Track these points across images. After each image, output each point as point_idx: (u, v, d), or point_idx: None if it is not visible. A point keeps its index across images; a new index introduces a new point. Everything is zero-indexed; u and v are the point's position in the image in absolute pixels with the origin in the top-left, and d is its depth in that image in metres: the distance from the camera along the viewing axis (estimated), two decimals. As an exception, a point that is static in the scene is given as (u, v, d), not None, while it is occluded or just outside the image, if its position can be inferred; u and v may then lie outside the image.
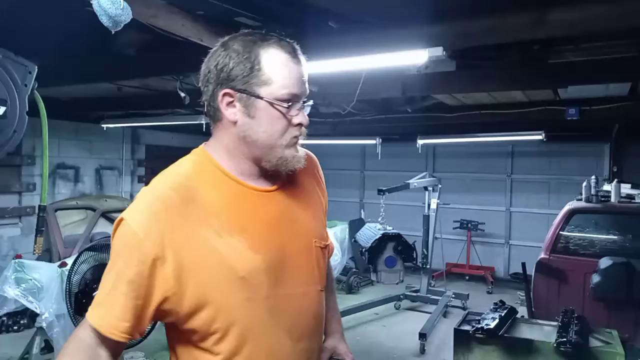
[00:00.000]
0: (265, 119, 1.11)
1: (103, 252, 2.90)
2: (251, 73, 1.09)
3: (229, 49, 1.13)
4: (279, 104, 1.10)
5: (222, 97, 1.13)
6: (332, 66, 3.01)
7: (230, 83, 1.11)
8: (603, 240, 4.58)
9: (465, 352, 2.85)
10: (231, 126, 1.14)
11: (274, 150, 1.13)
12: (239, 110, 1.12)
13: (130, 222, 1.07)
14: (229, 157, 1.17)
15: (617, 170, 6.93)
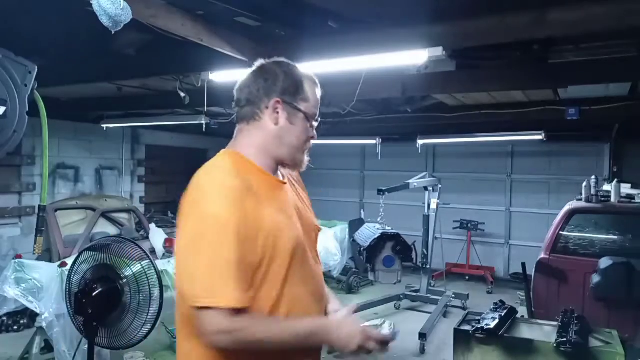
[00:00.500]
0: (300, 127, 1.44)
1: (103, 252, 2.90)
2: (297, 91, 1.42)
3: (278, 69, 1.43)
4: (309, 120, 1.47)
5: (275, 104, 1.40)
6: (332, 66, 3.01)
7: (281, 95, 1.40)
8: (603, 240, 4.58)
9: (465, 352, 2.85)
10: (270, 127, 1.41)
11: (298, 153, 1.46)
12: (282, 117, 1.41)
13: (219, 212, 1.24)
14: (257, 153, 1.42)
15: (617, 170, 6.93)
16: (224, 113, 5.73)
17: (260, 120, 1.42)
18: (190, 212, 1.29)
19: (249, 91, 1.44)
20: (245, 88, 1.45)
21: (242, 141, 1.47)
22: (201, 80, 4.07)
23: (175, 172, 9.00)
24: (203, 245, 1.22)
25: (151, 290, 2.80)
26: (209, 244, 1.21)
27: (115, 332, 2.82)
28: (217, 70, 3.43)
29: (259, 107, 1.42)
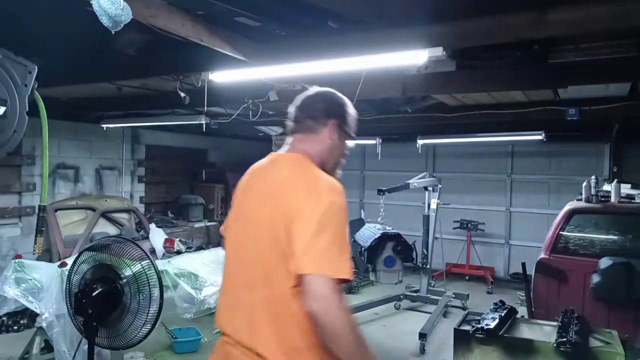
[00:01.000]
0: (344, 145, 1.82)
1: (103, 252, 2.90)
2: (346, 118, 1.79)
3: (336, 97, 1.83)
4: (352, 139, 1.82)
5: (333, 124, 1.75)
6: (332, 66, 3.01)
7: (339, 119, 1.77)
8: (603, 240, 4.58)
9: (465, 352, 2.85)
10: (326, 140, 1.74)
11: (338, 165, 1.83)
12: (338, 136, 1.76)
13: (341, 202, 1.55)
14: (315, 160, 1.70)
15: (617, 170, 6.93)
16: (224, 113, 5.73)
17: (318, 134, 1.74)
18: (312, 204, 1.49)
19: (312, 109, 1.78)
20: (307, 107, 1.81)
21: (302, 147, 1.73)
22: (201, 80, 4.06)
23: (175, 172, 9.01)
24: (329, 226, 1.46)
25: (151, 290, 2.80)
26: (332, 227, 1.47)
27: (115, 332, 2.82)
28: (217, 70, 3.43)
29: (319, 123, 1.74)
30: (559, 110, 4.96)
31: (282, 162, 1.73)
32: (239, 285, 1.61)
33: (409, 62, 2.83)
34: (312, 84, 4.54)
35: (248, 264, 1.59)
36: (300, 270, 1.41)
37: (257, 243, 1.56)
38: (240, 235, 1.68)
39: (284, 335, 1.48)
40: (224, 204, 9.23)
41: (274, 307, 1.50)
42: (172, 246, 6.24)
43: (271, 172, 1.70)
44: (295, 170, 1.65)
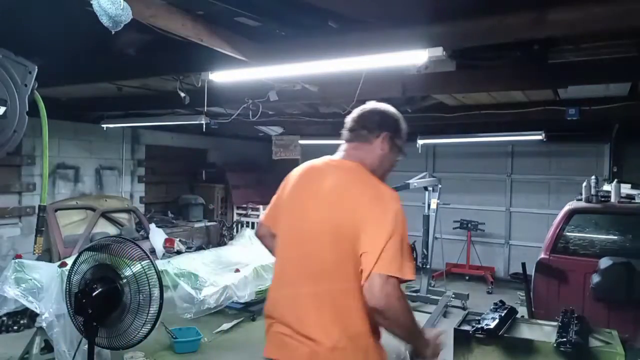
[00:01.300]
0: (393, 157, 1.97)
1: (103, 252, 2.90)
2: (398, 132, 1.97)
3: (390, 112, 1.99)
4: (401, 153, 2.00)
5: (385, 136, 1.92)
6: (332, 66, 3.01)
7: (392, 132, 1.94)
8: (603, 240, 4.58)
9: (465, 352, 2.85)
10: (377, 151, 1.91)
11: (387, 172, 1.97)
12: (388, 147, 1.92)
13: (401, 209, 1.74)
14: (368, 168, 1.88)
15: (617, 170, 6.93)
16: (224, 113, 5.73)
17: (371, 144, 1.92)
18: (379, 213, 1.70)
19: (367, 121, 1.94)
20: (363, 118, 1.96)
21: (357, 155, 1.92)
22: (201, 80, 4.06)
23: (175, 172, 9.01)
24: (396, 232, 1.65)
25: (151, 290, 2.80)
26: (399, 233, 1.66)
27: (115, 332, 2.82)
28: (217, 70, 3.43)
29: (372, 134, 1.92)
30: (559, 110, 4.96)
31: (343, 169, 1.90)
32: (299, 279, 1.78)
33: (409, 62, 2.83)
34: (312, 84, 4.56)
35: (309, 259, 1.77)
36: (375, 270, 1.61)
37: (319, 242, 1.75)
38: (298, 232, 1.85)
39: (348, 322, 1.70)
40: (224, 204, 9.23)
41: (336, 298, 1.71)
42: (172, 246, 6.25)
43: (331, 177, 1.86)
44: (357, 180, 1.84)
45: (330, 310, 1.71)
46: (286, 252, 1.90)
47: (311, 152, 10.03)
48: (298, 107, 6.22)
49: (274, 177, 11.10)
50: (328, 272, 1.73)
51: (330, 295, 1.72)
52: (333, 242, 1.72)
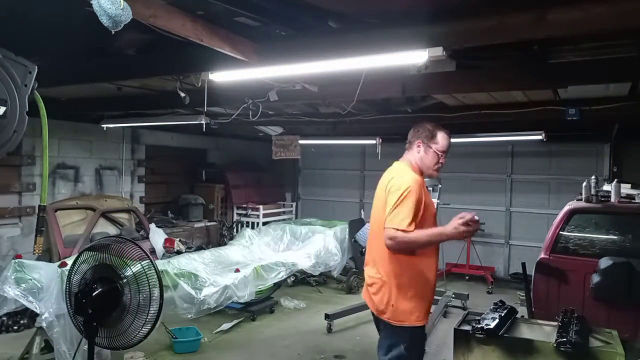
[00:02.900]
0: (430, 157, 2.89)
1: (103, 252, 2.90)
2: (431, 139, 2.89)
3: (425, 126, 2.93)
4: (438, 153, 2.89)
5: (420, 143, 2.90)
6: (332, 66, 3.01)
7: (424, 140, 2.89)
8: (603, 240, 4.58)
9: (465, 352, 2.85)
10: (416, 154, 2.91)
11: (428, 169, 2.91)
12: (424, 150, 2.90)
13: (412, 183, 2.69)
14: (413, 165, 2.90)
15: (617, 170, 6.92)
16: (224, 113, 5.73)
17: (412, 150, 2.94)
18: (394, 187, 2.70)
19: (410, 134, 3.00)
20: (409, 133, 3.00)
21: (406, 157, 2.97)
22: (201, 80, 4.06)
23: (175, 172, 9.00)
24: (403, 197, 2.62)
25: (151, 290, 2.80)
26: (406, 200, 2.61)
27: (115, 332, 2.82)
28: (217, 70, 3.43)
29: (413, 143, 2.94)
30: (559, 110, 4.96)
31: (394, 168, 2.97)
32: (372, 239, 2.96)
33: (409, 62, 2.83)
34: (312, 84, 4.55)
35: (373, 226, 2.94)
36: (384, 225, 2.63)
37: (376, 215, 2.89)
38: (373, 213, 2.97)
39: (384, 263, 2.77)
40: (224, 204, 9.23)
41: (381, 248, 2.70)
42: (172, 246, 6.25)
43: (388, 174, 2.92)
44: (395, 173, 2.85)
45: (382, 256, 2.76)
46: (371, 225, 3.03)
47: (311, 152, 10.04)
48: (298, 107, 6.21)
49: (274, 177, 11.17)
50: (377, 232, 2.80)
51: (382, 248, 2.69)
52: (381, 213, 2.75)
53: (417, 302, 2.70)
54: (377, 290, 2.77)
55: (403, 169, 2.84)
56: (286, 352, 5.03)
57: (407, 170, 2.82)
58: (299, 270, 6.38)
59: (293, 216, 9.96)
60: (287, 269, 5.81)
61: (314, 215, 9.15)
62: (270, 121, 6.68)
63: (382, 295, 2.74)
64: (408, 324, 2.68)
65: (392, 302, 2.70)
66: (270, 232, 7.52)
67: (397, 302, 2.69)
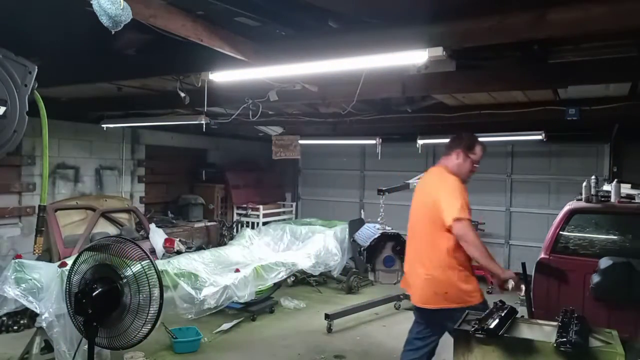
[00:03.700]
0: (467, 165, 3.37)
1: (103, 252, 2.90)
2: (470, 149, 3.36)
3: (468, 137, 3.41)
4: (474, 162, 3.39)
5: (458, 152, 3.36)
6: (332, 66, 3.01)
7: (464, 149, 3.35)
8: (603, 240, 4.58)
9: (465, 352, 2.85)
10: (454, 161, 3.36)
11: (464, 175, 3.35)
12: (462, 158, 3.36)
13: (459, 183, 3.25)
14: (450, 171, 3.32)
15: (617, 170, 6.92)
16: (224, 113, 5.73)
17: (451, 156, 3.36)
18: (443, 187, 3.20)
19: (450, 142, 3.41)
20: (450, 140, 3.43)
21: (444, 163, 3.38)
22: (201, 80, 4.06)
23: (175, 172, 9.00)
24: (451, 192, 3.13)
25: (151, 290, 2.80)
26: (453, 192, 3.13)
27: (115, 332, 2.82)
28: (217, 70, 3.43)
29: (451, 150, 3.36)
30: (559, 110, 4.96)
31: (433, 172, 3.44)
32: (414, 240, 3.37)
33: (409, 62, 2.82)
34: (312, 84, 4.55)
35: (416, 226, 3.37)
36: (446, 222, 3.07)
37: (420, 216, 3.34)
38: (414, 216, 3.43)
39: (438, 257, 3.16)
40: (224, 204, 9.23)
41: (431, 245, 3.18)
42: (172, 246, 6.24)
43: (428, 178, 3.47)
44: (437, 177, 3.33)
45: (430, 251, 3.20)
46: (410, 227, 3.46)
47: (311, 152, 10.02)
48: (298, 107, 6.21)
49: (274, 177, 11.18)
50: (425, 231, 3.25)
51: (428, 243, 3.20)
52: (425, 213, 3.25)
53: (474, 284, 3.20)
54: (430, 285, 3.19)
55: (444, 174, 3.29)
56: (286, 352, 5.03)
57: (447, 173, 3.28)
58: (299, 270, 6.39)
59: (293, 216, 9.96)
60: (287, 269, 5.81)
61: (314, 215, 9.14)
62: (270, 121, 6.68)
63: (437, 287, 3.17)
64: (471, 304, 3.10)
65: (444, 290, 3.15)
66: (270, 232, 7.52)
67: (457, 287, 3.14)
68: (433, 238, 3.19)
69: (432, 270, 3.19)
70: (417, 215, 3.41)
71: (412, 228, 3.45)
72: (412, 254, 3.44)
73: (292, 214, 10.06)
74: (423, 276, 3.24)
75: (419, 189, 3.51)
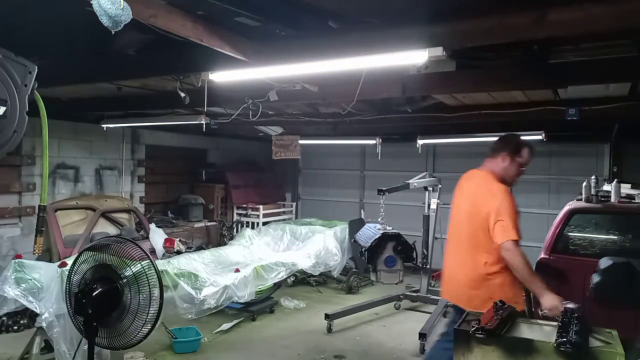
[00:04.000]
0: (514, 169, 3.20)
1: (103, 252, 2.90)
2: (516, 152, 3.20)
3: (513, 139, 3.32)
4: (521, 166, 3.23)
5: (504, 155, 3.18)
6: (332, 66, 3.01)
7: (511, 152, 3.19)
8: (603, 240, 4.58)
9: (465, 352, 2.85)
10: (500, 164, 3.18)
11: (510, 179, 3.20)
12: (508, 162, 3.18)
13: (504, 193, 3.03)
14: (496, 174, 3.15)
15: (617, 170, 6.92)
16: (224, 113, 5.73)
17: (496, 159, 3.19)
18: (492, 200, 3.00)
19: (495, 144, 3.28)
20: (496, 142, 3.30)
21: (489, 166, 3.23)
22: (201, 80, 4.06)
23: (175, 172, 9.00)
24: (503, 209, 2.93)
25: (151, 290, 2.80)
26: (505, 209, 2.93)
27: (115, 332, 2.82)
28: (217, 70, 3.43)
29: (497, 153, 3.19)
30: (559, 110, 4.96)
31: (478, 176, 3.24)
32: (455, 246, 3.28)
33: (409, 62, 2.82)
34: (312, 84, 4.55)
35: (459, 233, 3.23)
36: (495, 240, 2.94)
37: (462, 223, 3.19)
38: (456, 220, 3.29)
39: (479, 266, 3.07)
40: (224, 204, 9.23)
41: (473, 255, 3.09)
42: (172, 246, 6.24)
43: (471, 182, 3.25)
44: (482, 182, 3.14)
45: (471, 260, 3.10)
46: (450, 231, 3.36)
47: (311, 152, 10.02)
48: (298, 107, 6.21)
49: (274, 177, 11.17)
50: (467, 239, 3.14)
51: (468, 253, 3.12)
52: (468, 221, 3.11)
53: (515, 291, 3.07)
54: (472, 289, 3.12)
55: (487, 179, 3.14)
56: (286, 352, 5.03)
57: (491, 179, 3.12)
58: (299, 270, 6.39)
59: (293, 216, 9.96)
60: (287, 269, 5.81)
61: (314, 215, 9.14)
62: (270, 121, 6.68)
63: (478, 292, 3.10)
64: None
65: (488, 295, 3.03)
66: (270, 232, 7.52)
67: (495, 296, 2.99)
68: (476, 246, 3.08)
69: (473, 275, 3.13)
70: (458, 221, 3.27)
71: (452, 233, 3.33)
72: (452, 259, 3.34)
73: (292, 214, 10.06)
74: (465, 281, 3.17)
75: (461, 193, 3.31)
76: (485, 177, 3.15)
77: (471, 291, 3.12)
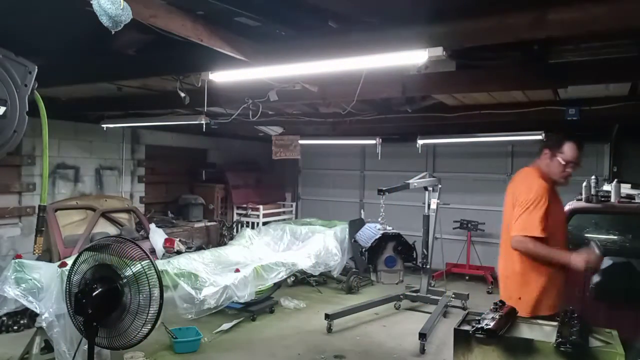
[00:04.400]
0: (556, 165, 3.07)
1: (103, 252, 2.90)
2: (558, 149, 3.04)
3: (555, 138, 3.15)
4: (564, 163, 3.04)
5: (546, 152, 3.10)
6: (332, 66, 3.01)
7: (551, 150, 3.09)
8: (603, 240, 4.58)
9: (465, 352, 2.85)
10: (544, 160, 3.11)
11: (555, 176, 3.10)
12: (549, 159, 3.09)
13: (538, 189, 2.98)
14: (542, 171, 3.10)
15: (617, 170, 6.92)
16: (224, 113, 5.73)
17: (541, 157, 3.15)
18: (524, 193, 3.00)
19: (542, 144, 3.24)
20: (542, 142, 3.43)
21: (538, 163, 3.16)
22: (201, 80, 4.06)
23: (175, 172, 9.00)
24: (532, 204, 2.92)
25: (151, 290, 2.80)
26: (535, 205, 2.92)
27: (115, 332, 2.82)
28: (217, 70, 3.43)
29: (542, 150, 3.14)
30: (559, 110, 4.96)
31: (524, 172, 3.20)
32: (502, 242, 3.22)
33: (409, 62, 2.82)
34: (312, 84, 4.55)
35: (505, 227, 3.19)
36: (511, 232, 3.00)
37: (506, 217, 3.18)
38: (504, 215, 3.27)
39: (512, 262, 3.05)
40: (224, 204, 9.23)
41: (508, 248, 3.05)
42: (172, 246, 6.25)
43: (517, 177, 3.25)
44: (524, 178, 3.14)
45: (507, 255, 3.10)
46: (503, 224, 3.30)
47: (311, 152, 10.03)
48: (298, 107, 6.21)
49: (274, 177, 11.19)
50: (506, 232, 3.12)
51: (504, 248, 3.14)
52: (509, 214, 3.11)
53: (543, 294, 2.98)
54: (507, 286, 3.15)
55: (530, 175, 3.08)
56: (286, 352, 5.03)
57: (533, 176, 3.05)
58: (299, 270, 6.39)
59: (293, 216, 9.96)
60: (287, 269, 5.81)
61: (314, 215, 9.15)
62: (270, 121, 6.68)
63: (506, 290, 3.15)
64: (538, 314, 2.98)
65: (517, 295, 3.03)
66: (270, 232, 7.52)
67: (524, 296, 3.01)
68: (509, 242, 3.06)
69: (507, 272, 3.13)
70: (505, 216, 3.27)
71: (503, 227, 3.31)
72: (500, 254, 3.31)
73: (292, 214, 10.06)
74: (502, 277, 3.21)
75: (508, 189, 3.28)
76: (529, 173, 3.12)
77: (506, 288, 3.15)
